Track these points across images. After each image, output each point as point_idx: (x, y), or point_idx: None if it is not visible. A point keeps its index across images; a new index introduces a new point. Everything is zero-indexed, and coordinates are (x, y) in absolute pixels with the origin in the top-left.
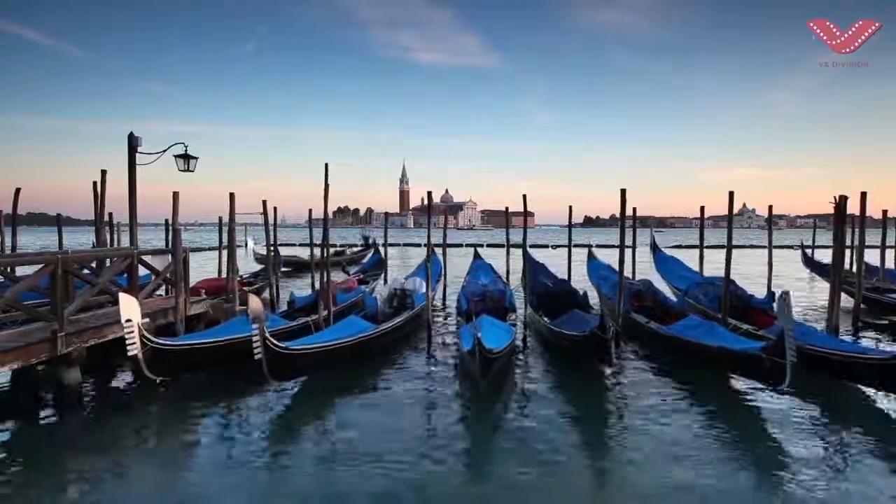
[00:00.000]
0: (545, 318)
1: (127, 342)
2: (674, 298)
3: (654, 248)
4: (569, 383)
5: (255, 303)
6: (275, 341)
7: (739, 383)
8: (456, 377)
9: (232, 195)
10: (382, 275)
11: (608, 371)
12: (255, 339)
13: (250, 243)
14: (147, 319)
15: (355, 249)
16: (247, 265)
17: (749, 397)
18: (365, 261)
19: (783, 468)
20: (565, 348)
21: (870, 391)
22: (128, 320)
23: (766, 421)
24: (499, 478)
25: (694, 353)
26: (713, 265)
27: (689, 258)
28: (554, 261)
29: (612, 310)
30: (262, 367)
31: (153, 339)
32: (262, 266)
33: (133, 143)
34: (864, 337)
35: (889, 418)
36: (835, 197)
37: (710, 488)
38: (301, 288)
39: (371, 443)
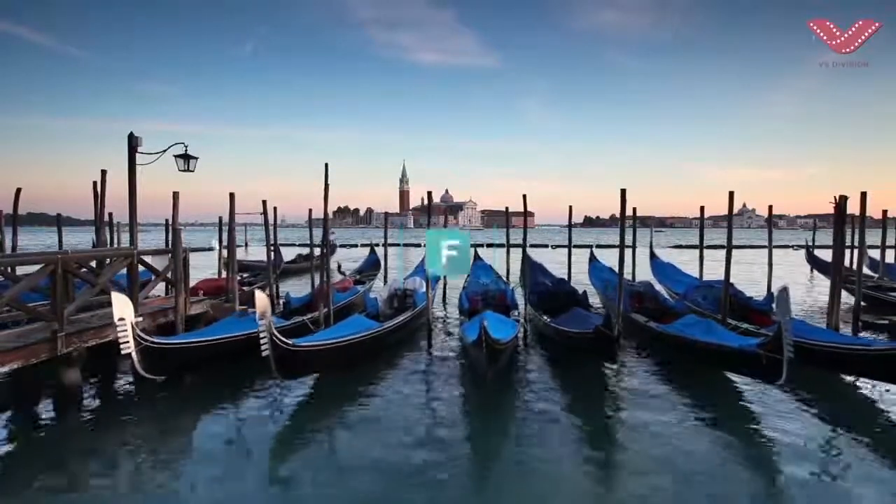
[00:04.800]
0: (545, 317)
1: (120, 341)
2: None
3: (652, 254)
4: (570, 380)
5: (262, 299)
6: (282, 338)
7: (738, 380)
8: (459, 375)
9: (232, 195)
10: (381, 276)
11: (608, 369)
12: (262, 335)
13: (216, 244)
14: (141, 318)
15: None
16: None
17: (748, 395)
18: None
19: (783, 466)
20: (569, 346)
21: (870, 384)
22: (121, 319)
23: (765, 418)
24: (501, 475)
25: (692, 351)
26: (713, 265)
27: (690, 258)
28: (554, 258)
29: (613, 311)
30: (270, 364)
31: (146, 337)
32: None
33: (133, 143)
34: (864, 336)
35: (888, 412)
36: (835, 197)
37: (709, 487)
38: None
39: (374, 442)
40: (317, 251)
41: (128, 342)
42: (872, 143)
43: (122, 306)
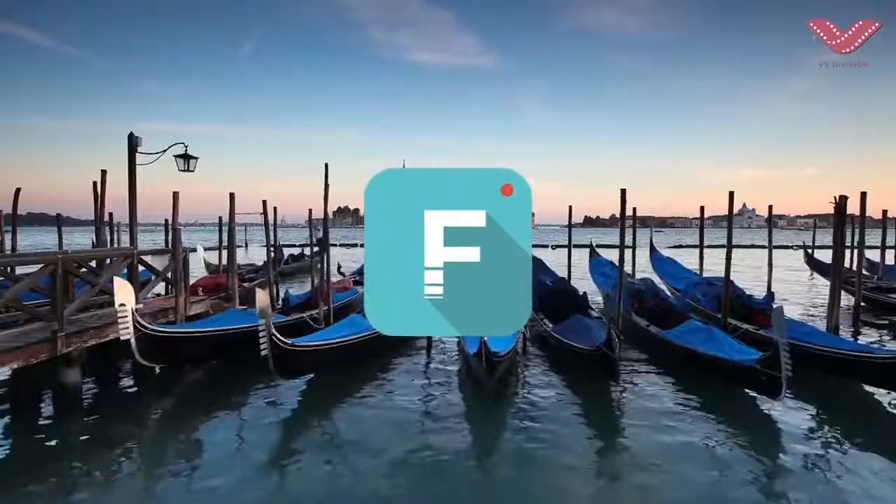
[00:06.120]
0: (546, 322)
1: (120, 326)
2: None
3: (651, 248)
4: (570, 383)
5: (262, 297)
6: (281, 337)
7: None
8: (458, 376)
9: (232, 195)
10: None
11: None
12: (261, 334)
13: (200, 250)
14: (141, 306)
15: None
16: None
17: (750, 399)
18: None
19: (785, 471)
20: (570, 359)
21: (871, 390)
22: (121, 304)
23: (766, 421)
24: (501, 478)
25: (692, 360)
26: (714, 266)
27: (690, 258)
28: (555, 260)
29: (614, 314)
30: (269, 364)
31: (146, 324)
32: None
33: (133, 143)
34: (864, 336)
35: (890, 417)
36: (835, 197)
37: (710, 488)
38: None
39: (374, 443)
40: (308, 251)
41: (127, 328)
42: (872, 143)
43: (123, 292)
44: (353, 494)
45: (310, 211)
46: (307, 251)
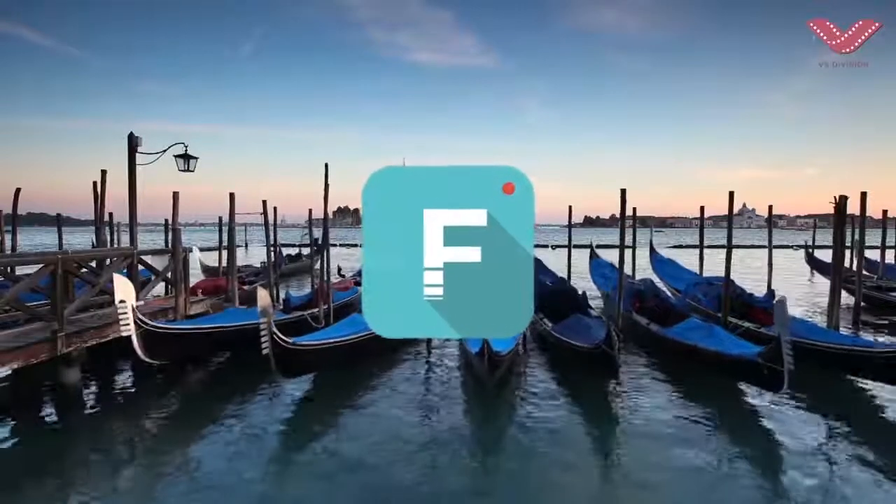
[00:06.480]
0: (546, 321)
1: (120, 323)
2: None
3: (651, 250)
4: (570, 383)
5: (263, 296)
6: (283, 336)
7: (743, 384)
8: (458, 376)
9: (232, 195)
10: None
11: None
12: (262, 333)
13: (195, 251)
14: (142, 303)
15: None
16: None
17: (749, 396)
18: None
19: (785, 469)
20: (570, 359)
21: (871, 385)
22: (121, 301)
23: (768, 421)
24: (502, 479)
25: (693, 357)
26: (714, 265)
27: (690, 258)
28: (556, 261)
29: (614, 314)
30: (270, 363)
31: (147, 321)
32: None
33: (133, 143)
34: (864, 335)
35: (890, 413)
36: (835, 197)
37: (710, 486)
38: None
39: (374, 445)
40: (305, 251)
41: (128, 325)
42: (872, 143)
43: (123, 289)
44: (353, 496)
45: (310, 211)
46: (305, 251)
